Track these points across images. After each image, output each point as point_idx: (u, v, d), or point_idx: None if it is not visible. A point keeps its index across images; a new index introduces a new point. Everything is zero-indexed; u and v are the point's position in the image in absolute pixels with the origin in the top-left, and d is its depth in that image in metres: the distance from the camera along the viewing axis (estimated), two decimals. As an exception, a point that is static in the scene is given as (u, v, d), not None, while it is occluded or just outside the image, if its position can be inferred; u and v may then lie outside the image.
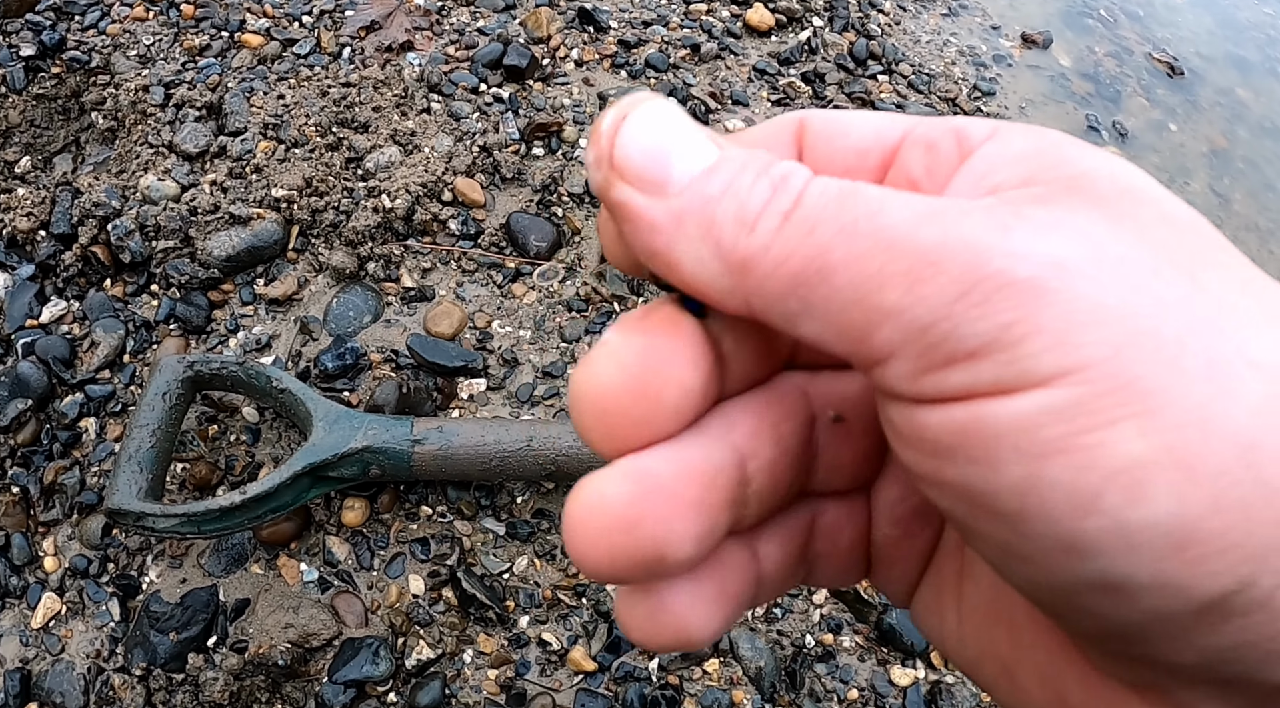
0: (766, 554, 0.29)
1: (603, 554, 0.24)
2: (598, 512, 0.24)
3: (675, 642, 0.27)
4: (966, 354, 0.21)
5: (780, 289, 0.23)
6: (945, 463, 0.22)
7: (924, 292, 0.21)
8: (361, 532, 0.95)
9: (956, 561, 0.30)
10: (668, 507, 0.24)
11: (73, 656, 0.89)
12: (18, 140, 1.22)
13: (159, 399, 0.90)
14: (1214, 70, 1.78)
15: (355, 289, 1.09)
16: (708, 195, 0.24)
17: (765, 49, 1.46)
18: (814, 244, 0.22)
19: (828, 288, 0.22)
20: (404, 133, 1.19)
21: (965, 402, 0.21)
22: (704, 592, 0.27)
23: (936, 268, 0.21)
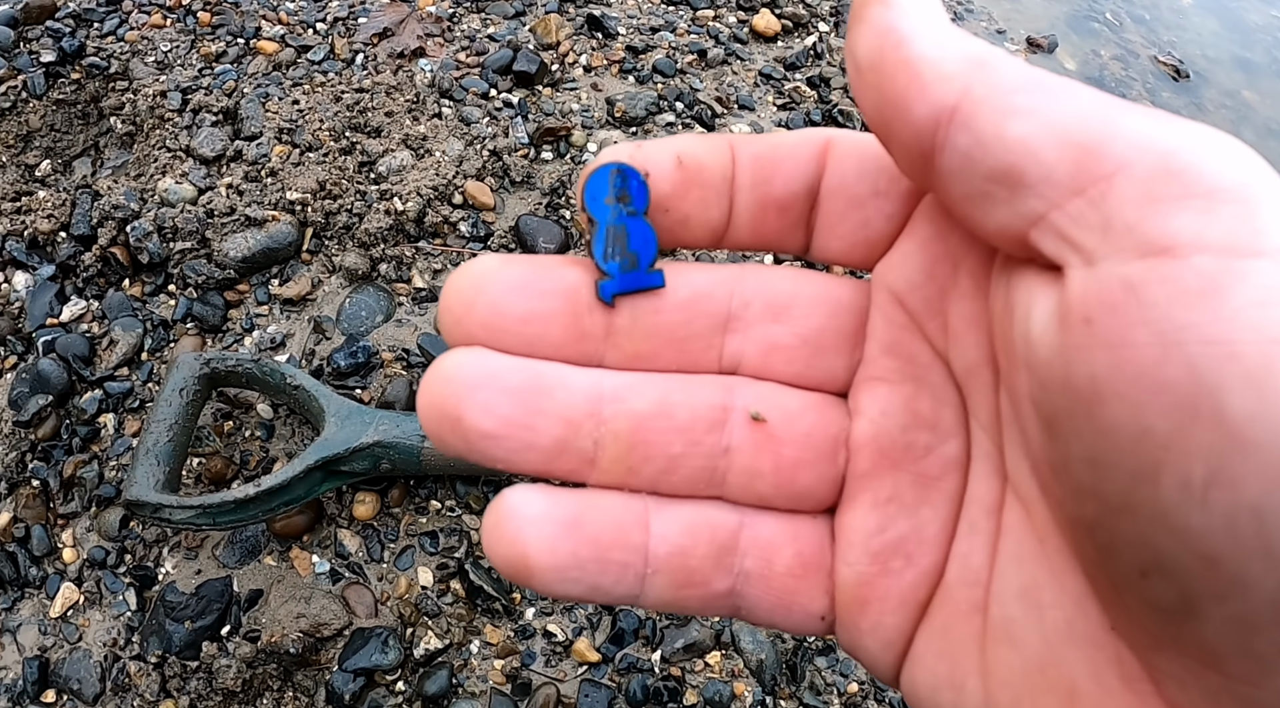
0: (662, 534, 0.28)
1: (425, 399, 0.26)
2: (436, 369, 0.27)
3: (510, 556, 0.27)
4: (1204, 192, 0.20)
5: (1014, 84, 0.23)
6: (1173, 350, 0.19)
7: (1172, 128, 0.21)
8: (372, 525, 0.97)
9: (974, 622, 0.27)
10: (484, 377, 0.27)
11: (90, 644, 0.91)
12: (38, 144, 1.25)
13: (176, 395, 0.92)
14: (1220, 73, 1.78)
15: (368, 290, 1.11)
16: (970, 41, 0.25)
17: (771, 54, 1.48)
18: (1064, 79, 0.23)
19: (1070, 97, 0.22)
20: (416, 137, 1.21)
21: (1197, 255, 0.19)
22: (557, 515, 0.27)
23: (1180, 122, 0.21)
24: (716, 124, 1.34)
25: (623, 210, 0.28)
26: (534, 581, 0.27)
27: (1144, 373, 0.19)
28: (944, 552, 0.28)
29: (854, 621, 0.29)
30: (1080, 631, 0.24)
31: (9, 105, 1.25)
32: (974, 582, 0.27)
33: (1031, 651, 0.25)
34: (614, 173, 0.28)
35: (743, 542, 0.29)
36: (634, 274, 0.28)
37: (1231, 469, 0.18)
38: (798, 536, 0.29)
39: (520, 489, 0.27)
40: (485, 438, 0.26)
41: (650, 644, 0.93)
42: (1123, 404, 0.20)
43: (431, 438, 0.27)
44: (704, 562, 0.29)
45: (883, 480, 0.29)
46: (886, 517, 0.28)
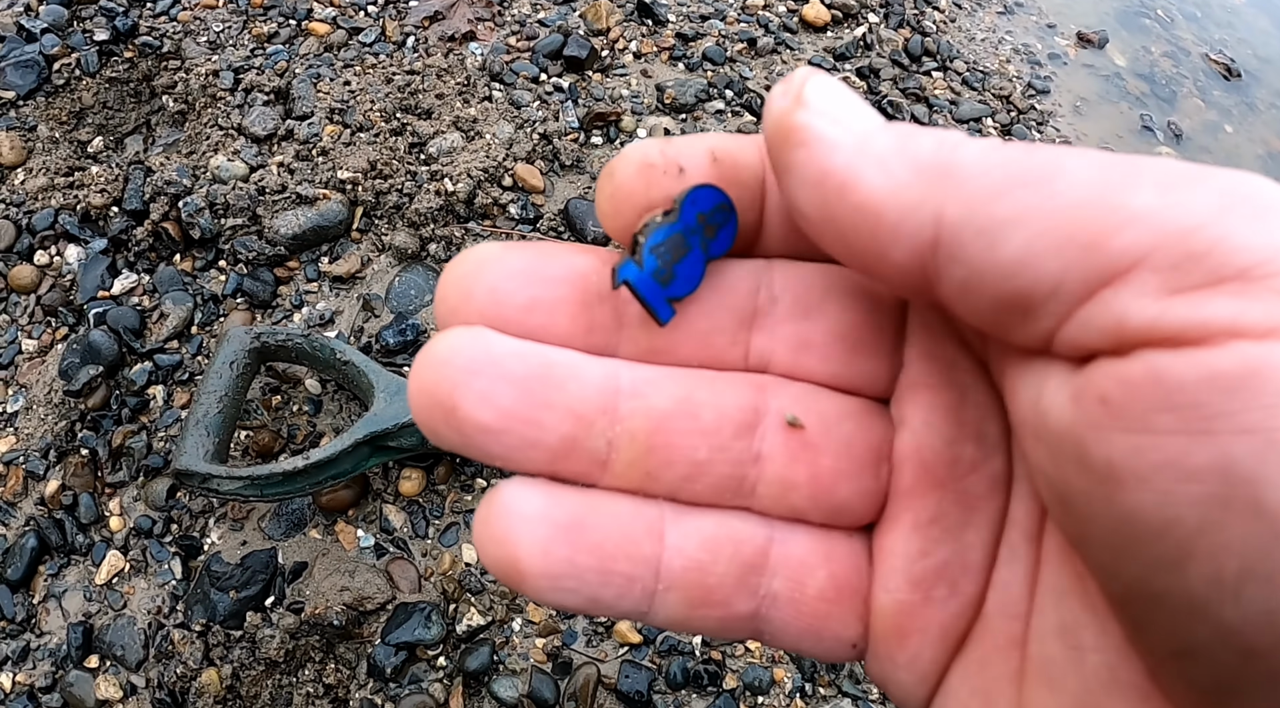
0: (678, 547, 0.25)
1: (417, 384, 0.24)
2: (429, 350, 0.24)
3: (500, 558, 0.24)
4: (1237, 272, 0.17)
5: (992, 190, 0.20)
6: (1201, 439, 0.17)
7: (1186, 195, 0.18)
8: (417, 501, 0.97)
9: (1012, 659, 0.24)
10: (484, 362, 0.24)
11: (134, 611, 0.92)
12: (91, 121, 1.26)
13: (226, 368, 0.93)
14: (1271, 72, 1.76)
15: (417, 269, 1.12)
16: (895, 127, 0.23)
17: (821, 44, 1.48)
18: (1042, 153, 0.20)
19: (1056, 186, 0.19)
20: (466, 120, 1.21)
21: (1232, 342, 0.17)
22: (555, 518, 0.24)
23: (1198, 179, 0.18)
24: (765, 113, 1.34)
25: (703, 234, 0.25)
26: (524, 587, 0.24)
27: (1169, 461, 0.17)
28: (986, 579, 0.25)
29: (889, 652, 0.26)
30: (1123, 679, 0.22)
31: (63, 82, 1.27)
32: (1013, 614, 0.25)
33: (1070, 697, 0.23)
34: (724, 206, 0.26)
35: (772, 560, 0.26)
36: (657, 288, 0.25)
37: (1270, 564, 0.17)
38: (832, 555, 0.26)
39: (518, 483, 0.25)
40: (483, 432, 0.23)
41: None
42: (1145, 492, 0.18)
43: (422, 429, 0.24)
44: (724, 580, 0.25)
45: (926, 499, 0.26)
46: (930, 540, 0.25)
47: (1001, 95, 1.50)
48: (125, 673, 0.89)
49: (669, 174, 0.25)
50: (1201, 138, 1.61)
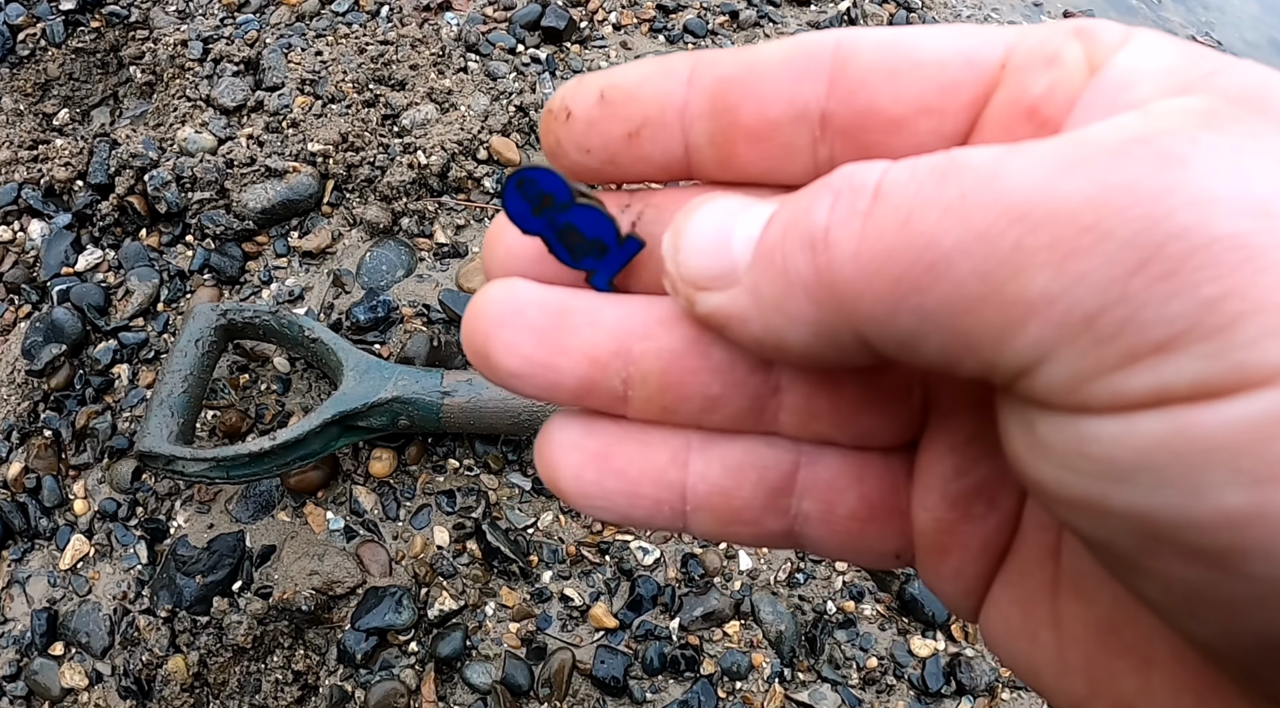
0: (701, 473, 0.26)
1: (464, 333, 0.26)
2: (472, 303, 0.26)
3: (547, 476, 0.27)
4: (1154, 347, 0.16)
5: (886, 305, 0.19)
6: (1118, 487, 0.17)
7: (1083, 267, 0.16)
8: (388, 482, 0.95)
9: (1047, 569, 0.24)
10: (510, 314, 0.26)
11: (99, 597, 0.90)
12: (56, 93, 1.23)
13: (192, 346, 0.90)
14: (1257, 57, 1.75)
15: (389, 244, 1.09)
16: (769, 248, 0.21)
17: (804, 18, 1.45)
18: (916, 235, 0.18)
19: (945, 286, 0.18)
20: (440, 91, 1.19)
21: (1156, 409, 0.16)
22: (587, 444, 0.27)
23: (1096, 232, 0.16)
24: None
25: (555, 212, 0.26)
26: (568, 501, 0.27)
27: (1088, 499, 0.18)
28: (1023, 492, 0.25)
29: (934, 566, 0.26)
30: None
31: (27, 53, 1.24)
32: (1046, 525, 0.24)
33: (1104, 609, 0.22)
34: (518, 185, 0.26)
35: (800, 483, 0.26)
36: (610, 257, 0.27)
37: (1216, 595, 0.17)
38: (864, 476, 0.26)
39: (563, 415, 0.27)
40: (512, 377, 0.26)
41: (669, 612, 0.91)
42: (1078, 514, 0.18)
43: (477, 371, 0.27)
44: (751, 502, 0.26)
45: (962, 420, 0.25)
46: (966, 460, 0.25)
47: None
48: (90, 660, 0.87)
49: (559, 120, 0.27)
50: (1188, 117, 1.60)
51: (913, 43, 0.23)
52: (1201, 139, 0.16)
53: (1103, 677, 0.22)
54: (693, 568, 0.93)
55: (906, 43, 0.23)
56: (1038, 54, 0.21)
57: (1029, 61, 0.22)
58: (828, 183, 0.20)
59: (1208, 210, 0.16)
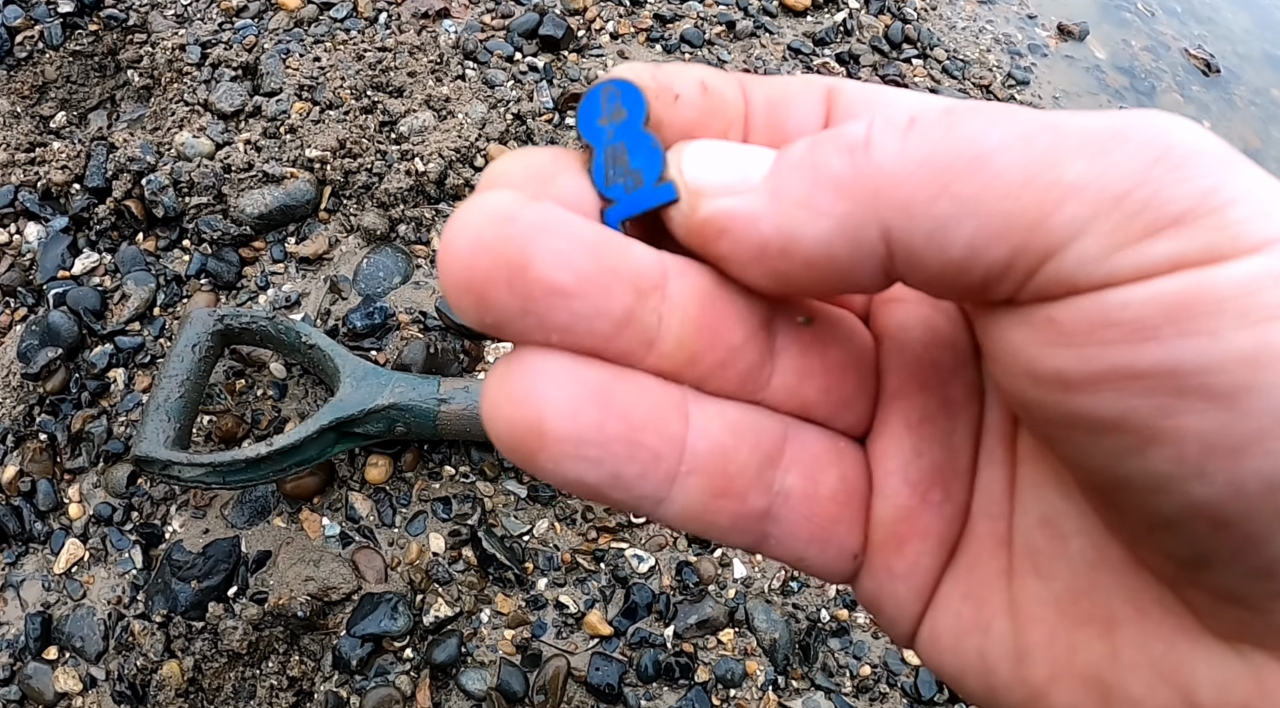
0: (703, 429, 0.24)
1: (468, 239, 0.21)
2: (481, 202, 0.21)
3: (521, 419, 0.22)
4: (1172, 220, 0.19)
5: (926, 193, 0.20)
6: (1146, 346, 0.19)
7: (1112, 160, 0.19)
8: (384, 489, 0.95)
9: (999, 557, 0.26)
10: (558, 225, 0.22)
11: (94, 601, 0.90)
12: (53, 96, 1.23)
13: (189, 350, 0.90)
14: (1250, 70, 1.77)
15: (386, 250, 1.09)
16: (795, 157, 0.22)
17: (800, 29, 1.46)
18: (961, 136, 0.20)
19: (988, 173, 0.20)
20: (438, 98, 1.19)
21: (1175, 273, 0.19)
22: (585, 376, 0.22)
23: (1119, 138, 0.20)
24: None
25: (619, 127, 0.25)
26: (544, 452, 0.22)
27: (1117, 366, 0.19)
28: (971, 484, 0.27)
29: (887, 562, 0.27)
30: (1109, 556, 0.23)
31: (25, 55, 1.24)
32: (996, 514, 0.26)
33: (1061, 582, 0.24)
34: (605, 91, 0.25)
35: (788, 454, 0.26)
36: (639, 192, 0.25)
37: (1230, 440, 0.18)
38: (841, 456, 0.27)
39: (534, 347, 0.22)
40: (555, 295, 0.21)
41: (663, 619, 0.91)
42: (1096, 392, 0.20)
43: (464, 295, 0.21)
44: (745, 469, 0.25)
45: (912, 401, 0.27)
46: (921, 440, 0.26)
47: (981, 84, 1.49)
48: (85, 665, 0.87)
49: (661, 100, 0.25)
50: (1180, 131, 1.61)
51: (882, 93, 0.27)
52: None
53: (1065, 652, 0.24)
54: (687, 576, 0.93)
55: (878, 92, 0.27)
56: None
57: None
58: (849, 124, 0.22)
59: (1195, 134, 0.20)
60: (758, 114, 0.26)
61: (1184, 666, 0.22)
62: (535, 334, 0.22)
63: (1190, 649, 0.22)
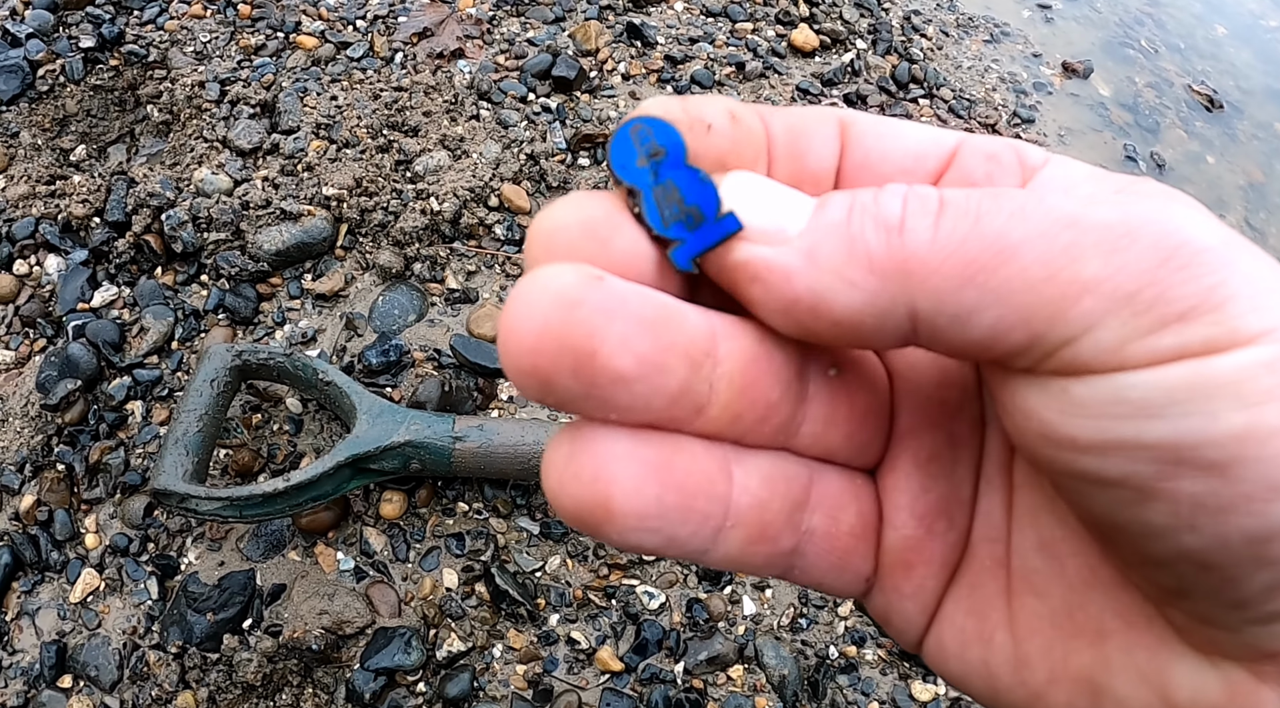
0: (744, 485, 0.26)
1: (533, 327, 0.21)
2: (542, 285, 0.22)
3: (589, 498, 0.23)
4: (1177, 316, 0.21)
5: (955, 282, 0.22)
6: (1151, 423, 0.21)
7: (1125, 259, 0.21)
8: (398, 524, 0.96)
9: (999, 577, 0.28)
10: (619, 305, 0.22)
11: (109, 631, 0.91)
12: (74, 129, 1.25)
13: (207, 385, 0.92)
14: (1253, 104, 1.78)
15: (401, 288, 1.11)
16: (833, 222, 0.23)
17: (809, 69, 1.48)
18: (988, 229, 0.22)
19: (1013, 268, 0.22)
20: (453, 138, 1.21)
21: (1179, 361, 0.21)
22: (645, 454, 0.24)
23: (1131, 237, 0.21)
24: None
25: (660, 165, 0.24)
26: (611, 526, 0.23)
27: (1126, 438, 0.21)
28: (972, 511, 0.29)
29: (896, 584, 0.29)
30: (1103, 576, 0.26)
31: (46, 89, 1.26)
32: (996, 538, 0.28)
33: (1057, 599, 0.26)
34: (635, 130, 0.25)
35: (813, 497, 0.28)
36: (704, 229, 0.24)
37: (1218, 501, 0.21)
38: (859, 493, 0.29)
39: (594, 426, 0.24)
40: (618, 382, 0.22)
41: (673, 655, 0.92)
42: (1105, 457, 0.22)
43: (527, 379, 0.22)
44: (778, 516, 0.27)
45: (922, 439, 0.29)
46: (929, 477, 0.28)
47: (987, 123, 1.51)
48: (99, 694, 0.88)
49: (694, 132, 0.25)
50: (1184, 168, 1.63)
51: (894, 124, 0.28)
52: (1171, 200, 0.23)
53: (1060, 660, 0.26)
54: (697, 613, 0.94)
55: (889, 123, 0.28)
56: (982, 149, 0.27)
57: (975, 152, 0.27)
58: (888, 189, 0.24)
59: (1200, 231, 0.21)
60: (779, 145, 0.27)
61: (1165, 672, 0.25)
62: (596, 414, 0.23)
63: (1170, 659, 0.24)
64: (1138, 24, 1.87)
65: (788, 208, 0.24)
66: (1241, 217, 1.58)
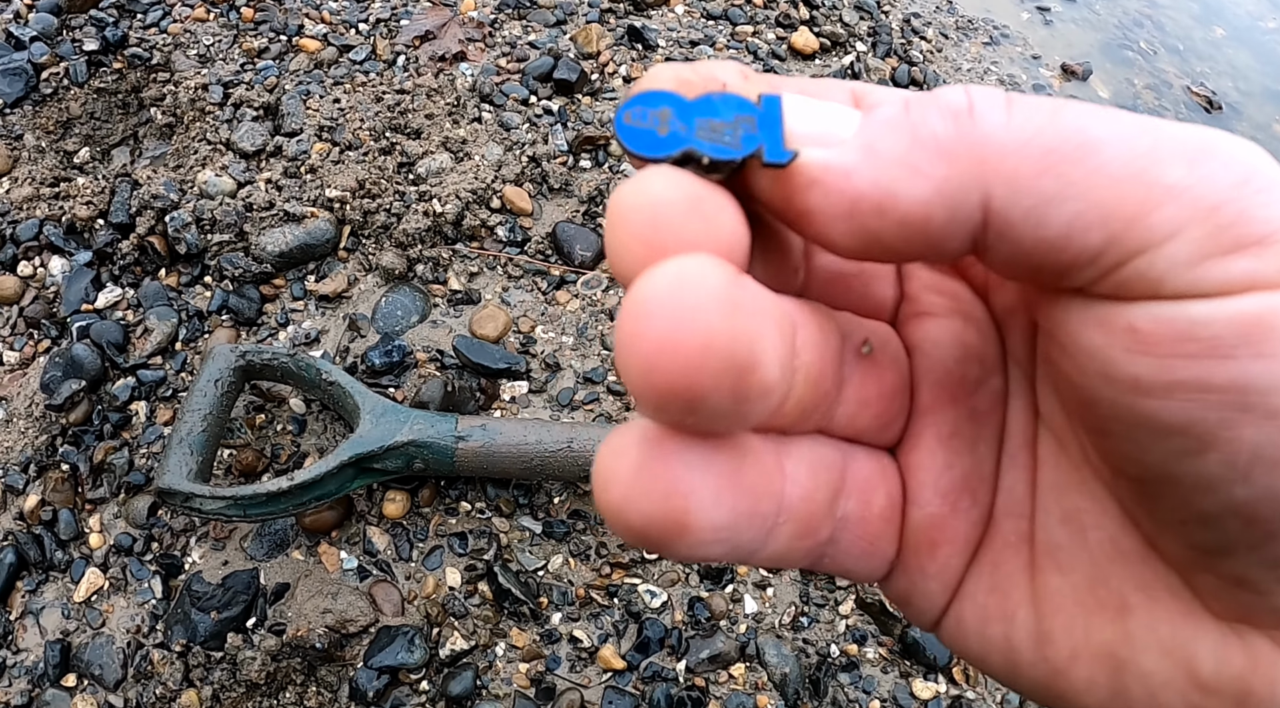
0: (794, 477, 0.25)
1: (696, 339, 0.19)
2: (694, 287, 0.19)
3: (663, 514, 0.21)
4: (1256, 240, 0.20)
5: (1034, 167, 0.21)
6: (1221, 363, 0.20)
7: (1208, 171, 0.20)
8: (401, 524, 0.97)
9: (1022, 553, 0.27)
10: (763, 307, 0.20)
11: (113, 630, 0.91)
12: (78, 131, 1.26)
13: (211, 385, 0.93)
14: (1252, 105, 1.79)
15: (403, 289, 1.11)
16: (889, 117, 0.22)
17: (809, 72, 1.49)
18: (1066, 121, 0.21)
19: (1096, 161, 0.20)
20: (455, 140, 1.21)
21: (1251, 292, 0.20)
22: (720, 462, 0.22)
23: (1213, 152, 0.20)
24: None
25: (682, 116, 0.23)
26: (682, 542, 0.21)
27: (1194, 379, 0.20)
28: (994, 487, 0.28)
29: (920, 564, 0.28)
30: (1125, 548, 0.25)
31: (50, 92, 1.26)
32: (1019, 514, 0.27)
33: (1080, 573, 0.26)
34: (627, 120, 0.23)
35: (848, 482, 0.27)
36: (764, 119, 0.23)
37: (1275, 452, 0.20)
38: (885, 474, 0.28)
39: (665, 431, 0.21)
40: (766, 395, 0.21)
41: (675, 654, 0.93)
42: (1170, 400, 0.21)
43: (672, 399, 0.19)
44: (821, 506, 0.26)
45: (944, 415, 0.28)
46: (952, 453, 0.28)
47: (986, 125, 1.52)
48: (103, 693, 0.88)
49: (712, 89, 0.24)
50: (1182, 171, 1.63)
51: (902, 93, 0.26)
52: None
53: (1082, 635, 0.25)
54: (699, 611, 0.95)
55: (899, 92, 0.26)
56: None
57: None
58: (943, 88, 0.22)
59: (1271, 162, 0.21)
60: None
61: (1188, 644, 0.24)
62: (719, 427, 0.21)
63: (1194, 630, 0.24)
64: (1136, 26, 1.88)
65: (835, 117, 0.23)
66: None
